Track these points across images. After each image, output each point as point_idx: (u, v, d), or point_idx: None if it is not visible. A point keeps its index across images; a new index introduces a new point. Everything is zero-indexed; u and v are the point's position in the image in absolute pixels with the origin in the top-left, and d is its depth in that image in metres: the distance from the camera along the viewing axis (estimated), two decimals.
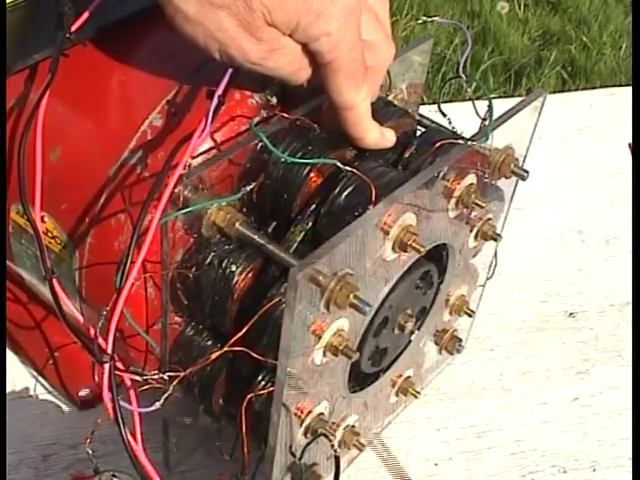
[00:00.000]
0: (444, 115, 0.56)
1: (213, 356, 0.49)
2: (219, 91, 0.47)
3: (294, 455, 0.52)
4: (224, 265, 0.50)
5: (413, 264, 0.53)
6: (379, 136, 0.53)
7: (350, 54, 0.47)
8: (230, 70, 0.47)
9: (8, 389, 0.67)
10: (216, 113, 0.47)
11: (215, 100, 0.47)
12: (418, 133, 0.58)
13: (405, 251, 0.49)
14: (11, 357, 0.70)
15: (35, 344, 0.69)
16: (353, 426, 0.58)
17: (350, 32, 0.47)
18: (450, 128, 0.56)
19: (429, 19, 0.55)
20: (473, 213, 0.56)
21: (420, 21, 0.55)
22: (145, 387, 0.49)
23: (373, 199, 0.48)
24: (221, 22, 0.44)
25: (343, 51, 0.47)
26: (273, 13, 0.44)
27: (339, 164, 0.49)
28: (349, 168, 0.49)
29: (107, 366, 0.45)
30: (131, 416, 0.50)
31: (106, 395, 0.45)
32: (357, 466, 0.64)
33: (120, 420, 0.45)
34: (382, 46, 0.50)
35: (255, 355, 0.48)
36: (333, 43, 0.46)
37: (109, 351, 0.45)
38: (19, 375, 0.69)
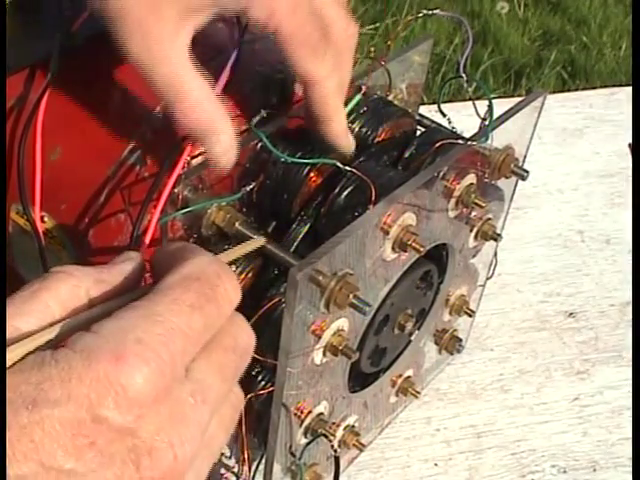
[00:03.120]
0: (444, 115, 0.56)
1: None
2: (217, 91, 0.47)
3: (294, 455, 0.52)
4: None
5: (415, 263, 0.53)
6: (346, 129, 0.49)
7: (294, 18, 0.43)
8: (228, 69, 0.47)
9: None
10: None
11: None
12: (418, 133, 0.58)
13: (405, 251, 0.49)
14: None
15: None
16: (353, 426, 0.58)
17: None
18: (450, 128, 0.56)
19: (430, 12, 0.55)
20: (473, 213, 0.56)
21: (421, 15, 0.55)
22: None
23: (373, 199, 0.48)
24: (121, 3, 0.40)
25: (284, 13, 0.42)
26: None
27: (339, 164, 0.49)
28: (349, 168, 0.49)
29: None
30: None
31: None
32: (357, 466, 0.64)
33: None
34: (340, 22, 0.46)
35: (255, 355, 0.48)
36: (269, 6, 0.42)
37: None
38: None
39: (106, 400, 0.28)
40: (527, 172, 0.56)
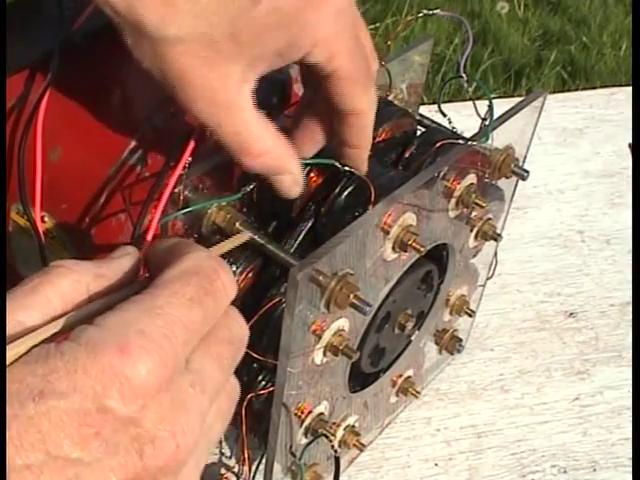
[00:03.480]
0: (444, 115, 0.56)
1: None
2: None
3: (294, 455, 0.52)
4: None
5: (417, 260, 0.53)
6: (367, 158, 0.50)
7: (352, 58, 0.43)
8: None
9: None
10: None
11: None
12: (418, 133, 0.58)
13: (405, 251, 0.49)
14: None
15: None
16: (353, 426, 0.58)
17: (344, 33, 0.42)
18: (450, 128, 0.56)
19: (430, 12, 0.55)
20: (473, 213, 0.56)
21: (421, 14, 0.55)
22: None
23: (373, 199, 0.48)
24: (172, 61, 0.39)
25: (344, 57, 0.43)
26: (240, 40, 0.39)
27: (337, 164, 0.49)
28: (347, 168, 0.49)
29: None
30: None
31: None
32: (357, 466, 0.64)
33: None
34: (372, 52, 0.46)
35: (255, 355, 0.48)
36: (329, 50, 0.42)
37: None
38: None
39: (111, 391, 0.29)
40: (527, 172, 0.56)
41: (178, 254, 0.34)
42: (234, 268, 0.50)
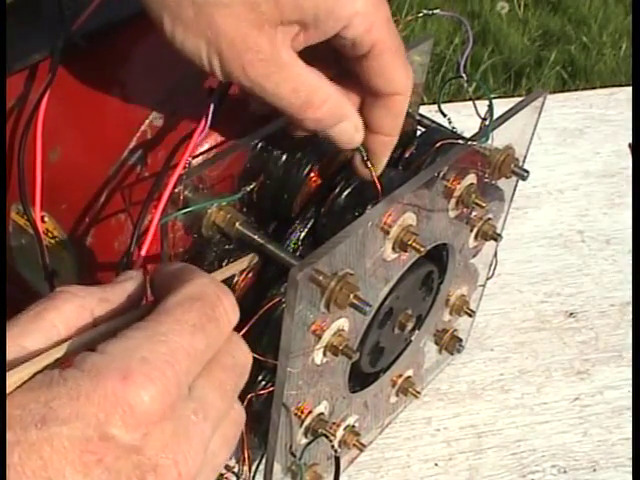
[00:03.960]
0: (444, 115, 0.55)
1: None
2: (215, 93, 0.47)
3: (294, 455, 0.52)
4: (224, 265, 0.50)
5: (417, 260, 0.53)
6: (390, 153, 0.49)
7: (390, 29, 0.42)
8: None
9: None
10: (215, 113, 0.47)
11: (213, 102, 0.47)
12: (418, 133, 0.58)
13: (405, 251, 0.49)
14: None
15: None
16: (353, 426, 0.58)
17: (381, 5, 0.42)
18: (450, 128, 0.56)
19: (430, 12, 0.55)
20: (473, 213, 0.56)
21: (421, 14, 0.55)
22: None
23: (379, 193, 0.48)
24: (219, 25, 0.39)
25: (383, 28, 0.42)
26: (283, 5, 0.39)
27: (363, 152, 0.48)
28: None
29: None
30: None
31: None
32: (357, 466, 0.64)
33: None
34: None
35: (255, 355, 0.48)
36: (368, 21, 0.41)
37: None
38: None
39: (114, 418, 0.29)
40: (527, 172, 0.56)
41: (182, 280, 0.34)
42: None
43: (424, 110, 0.62)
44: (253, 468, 0.56)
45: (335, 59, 0.45)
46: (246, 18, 0.39)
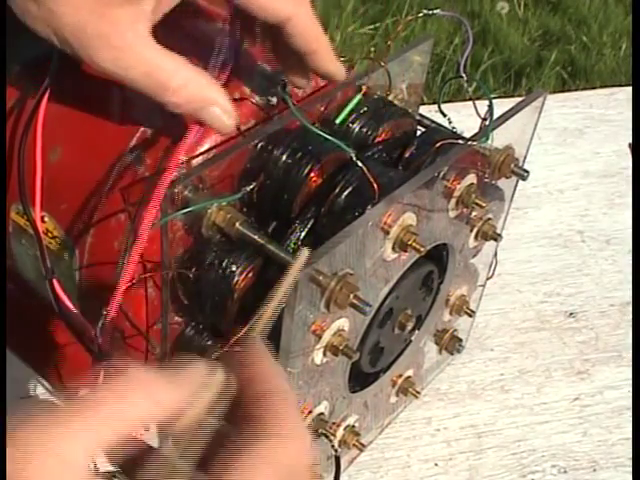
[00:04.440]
0: (444, 115, 0.55)
1: (213, 356, 0.49)
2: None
3: None
4: (224, 265, 0.50)
5: (420, 258, 0.53)
6: (333, 55, 0.47)
7: None
8: (225, 75, 0.47)
9: (8, 389, 0.67)
10: None
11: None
12: (418, 133, 0.58)
13: (405, 251, 0.49)
14: (11, 357, 0.70)
15: (35, 344, 0.69)
16: (353, 426, 0.58)
17: None
18: (450, 128, 0.56)
19: (430, 12, 0.55)
20: (473, 213, 0.56)
21: (421, 14, 0.55)
22: None
23: (377, 193, 0.48)
24: (60, 17, 0.39)
25: None
26: None
27: (352, 154, 0.48)
28: (360, 164, 0.49)
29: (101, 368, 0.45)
30: None
31: None
32: (357, 466, 0.64)
33: None
34: None
35: None
36: None
37: (104, 353, 0.45)
38: (19, 375, 0.69)
39: None
40: (527, 172, 0.56)
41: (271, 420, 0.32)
42: (234, 268, 0.50)
43: (424, 110, 0.62)
44: None
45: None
46: (84, 6, 0.39)
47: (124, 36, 0.40)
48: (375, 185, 0.48)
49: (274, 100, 0.53)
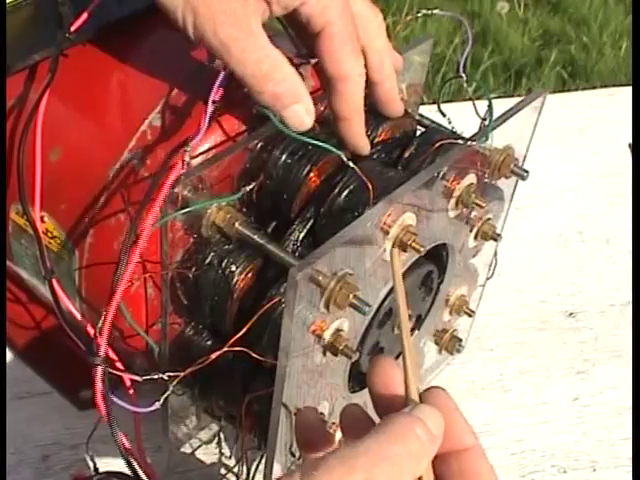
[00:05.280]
0: (444, 115, 0.55)
1: (213, 356, 0.49)
2: (213, 96, 0.47)
3: (294, 455, 0.52)
4: (224, 265, 0.50)
5: (420, 258, 0.53)
6: (364, 130, 0.51)
7: (342, 16, 0.46)
8: (223, 74, 0.47)
9: (8, 389, 0.67)
10: (212, 118, 0.48)
11: (210, 106, 0.47)
12: (418, 133, 0.58)
13: (405, 251, 0.49)
14: (11, 357, 0.70)
15: (35, 344, 0.69)
16: None
17: None
18: (450, 128, 0.56)
19: (430, 12, 0.55)
20: (473, 213, 0.56)
21: (421, 14, 0.55)
22: (145, 387, 0.49)
23: (372, 196, 0.48)
24: None
25: (335, 12, 0.46)
26: None
27: (343, 156, 0.48)
28: (352, 165, 0.49)
29: (99, 368, 0.45)
30: (131, 416, 0.50)
31: (99, 397, 0.45)
32: None
33: (113, 423, 0.45)
34: (368, 14, 0.49)
35: (255, 355, 0.48)
36: (322, 3, 0.45)
37: (102, 354, 0.45)
38: (19, 375, 0.69)
39: None
40: (527, 172, 0.56)
41: None
42: (234, 268, 0.50)
43: (424, 110, 0.62)
44: (253, 468, 0.56)
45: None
46: None
47: (250, 21, 0.44)
48: (371, 186, 0.48)
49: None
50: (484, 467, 0.36)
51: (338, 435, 0.57)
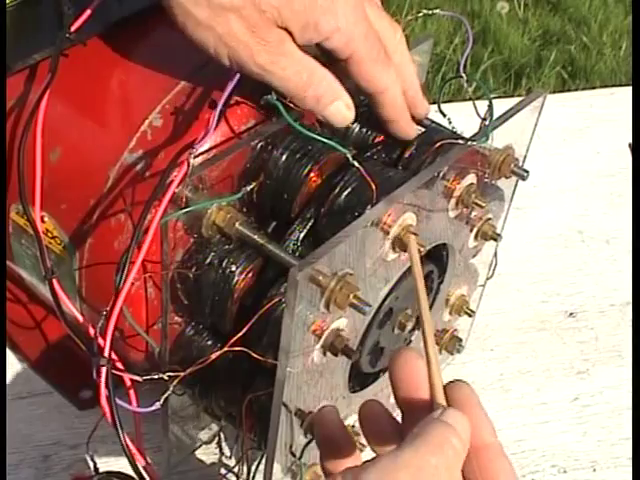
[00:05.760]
0: (444, 115, 0.55)
1: (213, 356, 0.49)
2: (222, 101, 0.48)
3: (294, 455, 0.52)
4: (224, 265, 0.50)
5: (420, 258, 0.53)
6: (411, 123, 0.54)
7: (366, 42, 0.48)
8: (234, 81, 0.48)
9: (8, 389, 0.67)
10: (218, 123, 0.48)
11: (217, 111, 0.48)
12: (418, 133, 0.58)
13: (405, 251, 0.49)
14: (11, 357, 0.70)
15: (35, 344, 0.69)
16: (353, 426, 0.58)
17: (360, 23, 0.48)
18: (450, 128, 0.56)
19: (430, 12, 0.55)
20: (473, 213, 0.56)
21: (421, 14, 0.56)
22: (145, 387, 0.49)
23: (375, 195, 0.48)
24: (231, 25, 0.45)
25: (359, 42, 0.48)
26: (282, 13, 0.45)
27: (349, 155, 0.49)
28: (357, 164, 0.49)
29: (104, 369, 0.45)
30: (131, 416, 0.50)
31: (103, 398, 0.45)
32: None
33: (118, 423, 0.45)
34: (388, 32, 0.51)
35: (255, 355, 0.48)
36: (347, 37, 0.47)
37: (106, 353, 0.45)
38: (19, 375, 0.69)
39: None
40: (527, 172, 0.56)
41: None
42: (234, 268, 0.50)
43: None
44: (253, 468, 0.56)
45: None
46: (254, 18, 0.45)
47: (284, 42, 0.47)
48: (373, 185, 0.48)
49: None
50: (503, 464, 0.37)
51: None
